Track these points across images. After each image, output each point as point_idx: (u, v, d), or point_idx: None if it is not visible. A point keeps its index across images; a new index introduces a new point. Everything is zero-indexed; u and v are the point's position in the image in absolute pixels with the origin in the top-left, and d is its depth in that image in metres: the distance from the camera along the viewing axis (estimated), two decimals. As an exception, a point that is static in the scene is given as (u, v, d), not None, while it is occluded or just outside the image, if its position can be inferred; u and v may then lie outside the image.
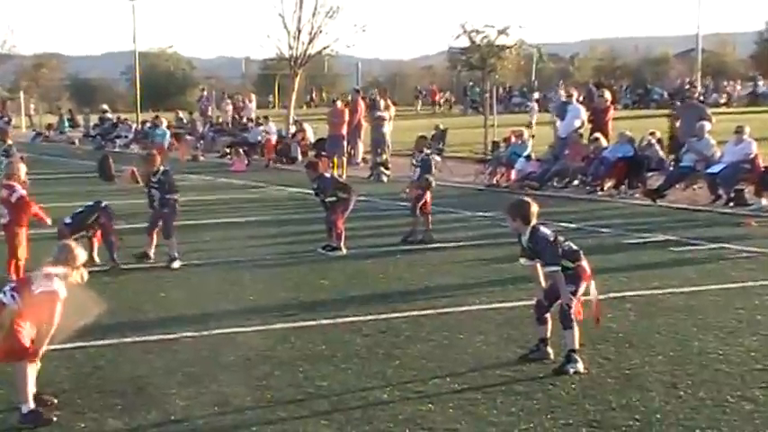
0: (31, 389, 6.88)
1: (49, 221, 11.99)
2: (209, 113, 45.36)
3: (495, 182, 23.54)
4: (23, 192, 11.69)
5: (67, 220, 12.54)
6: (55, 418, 6.83)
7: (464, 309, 10.33)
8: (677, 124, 22.67)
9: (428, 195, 15.15)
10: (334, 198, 14.03)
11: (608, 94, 26.65)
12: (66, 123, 50.15)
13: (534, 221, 8.17)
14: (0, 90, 70.61)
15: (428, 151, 15.73)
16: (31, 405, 6.82)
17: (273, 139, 32.11)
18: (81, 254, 7.20)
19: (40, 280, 6.93)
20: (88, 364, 8.27)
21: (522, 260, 8.44)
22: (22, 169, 12.03)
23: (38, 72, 67.50)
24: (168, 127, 39.35)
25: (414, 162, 15.88)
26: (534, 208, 8.21)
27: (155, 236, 13.19)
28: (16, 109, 61.29)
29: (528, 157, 23.53)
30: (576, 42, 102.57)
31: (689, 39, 63.78)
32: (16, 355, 6.82)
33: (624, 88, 60.67)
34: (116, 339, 9.07)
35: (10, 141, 26.39)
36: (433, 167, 15.34)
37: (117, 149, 37.83)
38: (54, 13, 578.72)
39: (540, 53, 62.43)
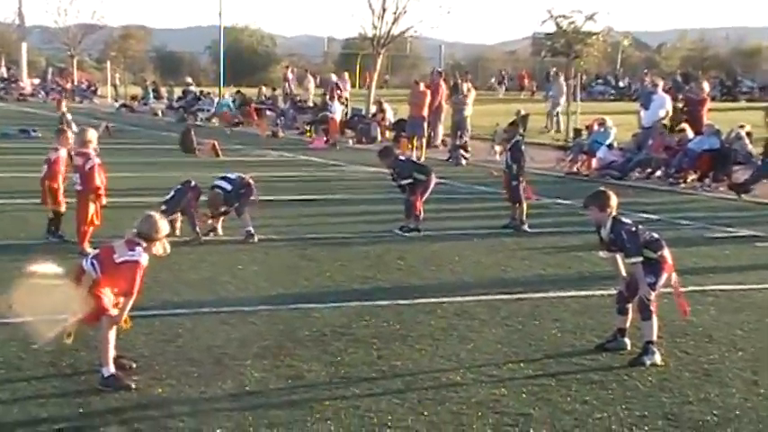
0: (112, 353, 7.01)
1: (104, 201, 11.98)
2: (293, 90, 45.61)
3: (575, 170, 23.28)
4: (98, 160, 11.83)
5: (163, 208, 12.51)
6: (133, 384, 6.95)
7: (540, 295, 10.24)
8: (768, 119, 22.13)
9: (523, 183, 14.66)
10: (411, 180, 14.00)
11: (706, 85, 26.07)
12: (151, 95, 50.92)
13: (615, 212, 8.05)
14: (88, 60, 72.01)
15: (518, 138, 15.09)
16: (112, 369, 6.94)
17: (337, 118, 32.08)
18: (164, 225, 7.24)
19: (123, 249, 7.01)
20: (167, 332, 8.38)
21: (602, 253, 8.34)
22: (94, 136, 12.17)
23: (125, 43, 68.47)
24: (248, 102, 39.82)
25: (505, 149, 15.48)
26: (614, 199, 8.09)
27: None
28: (102, 79, 62.45)
29: (610, 146, 23.23)
30: (665, 31, 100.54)
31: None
32: (98, 315, 6.97)
33: (716, 80, 58.88)
34: (194, 309, 9.19)
35: (64, 109, 26.88)
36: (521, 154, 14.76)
37: (199, 122, 38.29)
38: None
39: (629, 40, 61.27)
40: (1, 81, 56.20)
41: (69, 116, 21.62)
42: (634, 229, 8.01)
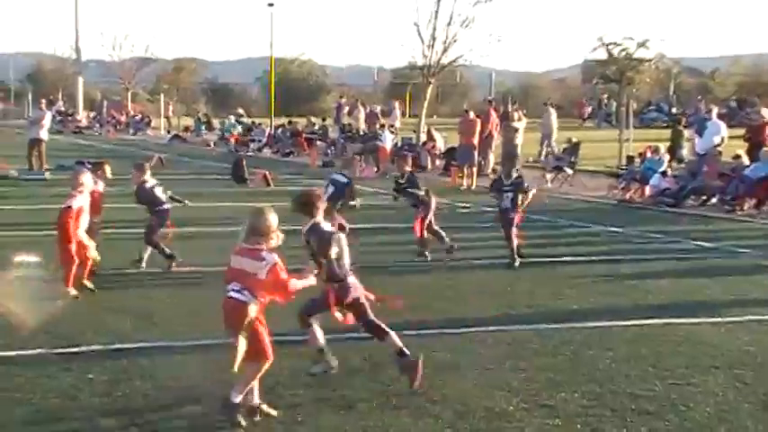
0: (250, 386, 6.95)
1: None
2: (343, 120, 45.96)
3: (628, 197, 23.06)
4: (77, 203, 11.16)
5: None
6: (244, 423, 6.84)
7: (593, 324, 10.11)
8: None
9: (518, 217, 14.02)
10: (414, 192, 14.17)
11: (766, 111, 25.90)
12: (203, 126, 51.48)
13: (319, 216, 7.87)
14: (141, 92, 73.11)
15: (516, 174, 14.54)
16: (239, 399, 6.88)
17: (388, 147, 32.11)
18: (274, 218, 7.00)
19: (255, 263, 6.81)
20: (220, 360, 8.37)
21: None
22: (86, 180, 11.54)
23: (177, 75, 69.51)
24: (298, 134, 40.12)
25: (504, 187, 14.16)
26: (322, 202, 7.95)
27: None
28: (155, 111, 63.35)
29: (664, 173, 23.02)
30: (719, 57, 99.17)
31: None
32: (260, 357, 6.91)
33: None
34: (246, 338, 9.19)
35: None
36: (524, 188, 14.01)
37: (250, 153, 38.61)
38: (195, 20, 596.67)
39: (677, 69, 60.75)
40: (58, 114, 57.15)
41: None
42: (329, 236, 7.81)
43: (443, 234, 14.50)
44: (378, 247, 15.31)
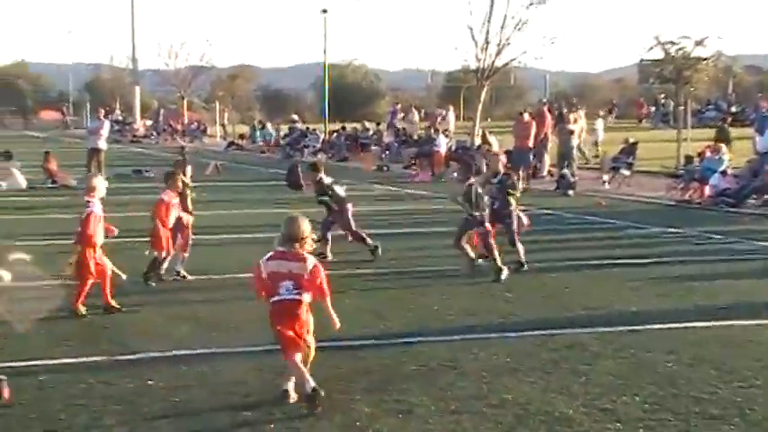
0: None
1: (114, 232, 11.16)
2: (397, 125, 45.98)
3: (687, 197, 22.74)
4: (97, 210, 10.75)
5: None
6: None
7: (654, 327, 9.96)
8: None
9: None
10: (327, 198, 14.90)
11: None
12: (258, 133, 51.81)
13: None
14: (197, 100, 73.94)
15: (471, 181, 13.19)
16: (312, 383, 7.25)
17: (442, 150, 32.05)
18: (306, 225, 7.47)
19: (300, 265, 7.32)
20: (276, 366, 8.39)
21: None
22: (100, 184, 11.04)
23: (232, 83, 70.04)
24: (354, 138, 40.27)
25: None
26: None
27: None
28: (211, 119, 63.94)
29: (724, 173, 22.65)
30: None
31: None
32: (299, 348, 7.39)
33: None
34: (303, 343, 9.21)
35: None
36: (473, 200, 12.92)
37: (305, 158, 38.77)
38: (249, 27, 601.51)
39: (737, 67, 59.67)
40: (115, 123, 57.96)
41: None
42: None
43: (365, 236, 14.64)
44: (432, 250, 15.22)
